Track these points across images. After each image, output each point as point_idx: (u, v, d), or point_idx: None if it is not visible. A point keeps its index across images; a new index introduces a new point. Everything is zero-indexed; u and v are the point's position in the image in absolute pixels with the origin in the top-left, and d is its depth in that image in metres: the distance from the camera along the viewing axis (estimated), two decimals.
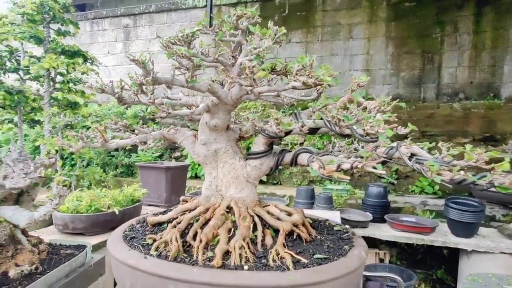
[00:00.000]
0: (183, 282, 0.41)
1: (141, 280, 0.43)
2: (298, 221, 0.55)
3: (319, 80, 0.41)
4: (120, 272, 0.49)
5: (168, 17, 6.82)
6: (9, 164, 1.29)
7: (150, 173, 3.64)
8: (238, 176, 0.57)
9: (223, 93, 0.51)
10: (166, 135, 0.59)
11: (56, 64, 1.28)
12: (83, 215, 2.51)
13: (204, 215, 0.55)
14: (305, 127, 0.50)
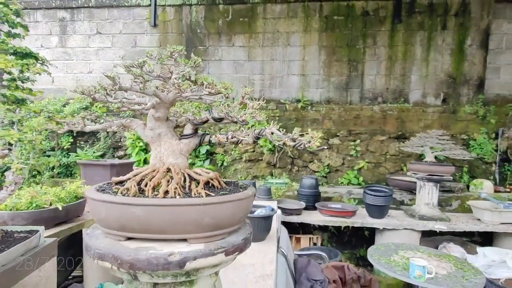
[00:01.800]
0: (141, 205, 0.69)
1: (113, 208, 0.69)
2: (213, 177, 0.86)
3: (218, 90, 0.71)
4: (96, 208, 0.73)
5: (110, 14, 6.66)
6: None
7: (95, 170, 3.66)
8: (174, 150, 0.85)
9: (163, 96, 0.78)
10: (125, 123, 0.83)
11: (11, 65, 1.41)
12: (24, 212, 2.50)
13: (152, 173, 0.82)
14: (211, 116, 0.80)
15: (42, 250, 1.58)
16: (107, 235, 0.74)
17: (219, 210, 0.72)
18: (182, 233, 0.71)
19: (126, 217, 0.69)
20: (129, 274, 0.70)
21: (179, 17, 6.36)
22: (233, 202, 0.75)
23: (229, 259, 0.76)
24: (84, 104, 6.20)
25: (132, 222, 0.69)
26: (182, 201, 0.70)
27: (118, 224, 0.70)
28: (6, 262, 1.35)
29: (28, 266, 1.50)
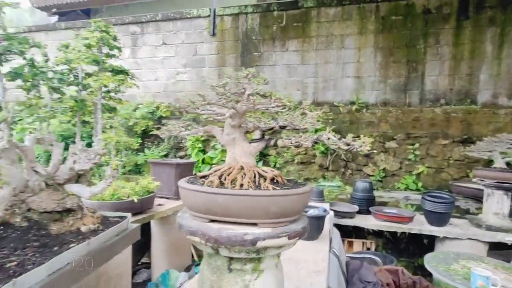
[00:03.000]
0: (222, 194, 0.89)
1: (200, 196, 0.90)
2: (277, 174, 1.03)
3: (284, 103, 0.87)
4: (187, 195, 0.95)
5: (174, 26, 7.28)
6: (77, 153, 1.78)
7: (162, 168, 4.08)
8: (246, 152, 1.04)
9: (239, 108, 0.97)
10: (207, 130, 1.04)
11: (110, 81, 1.75)
12: (108, 202, 2.93)
13: (228, 170, 1.02)
14: (277, 125, 0.97)
15: (129, 233, 1.92)
16: (194, 217, 0.96)
17: (283, 201, 0.89)
18: (253, 218, 0.89)
19: (210, 203, 0.89)
20: (213, 248, 0.90)
21: (236, 25, 6.72)
22: (295, 196, 0.91)
23: (291, 242, 0.92)
24: (150, 109, 6.90)
25: (215, 207, 0.89)
26: (254, 192, 0.88)
27: (204, 209, 0.91)
28: (106, 240, 1.69)
29: (121, 244, 1.84)
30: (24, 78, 1.59)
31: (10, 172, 1.49)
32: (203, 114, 0.99)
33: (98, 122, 1.86)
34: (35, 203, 1.58)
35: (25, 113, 1.64)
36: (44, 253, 1.35)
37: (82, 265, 1.44)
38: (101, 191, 1.76)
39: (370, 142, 0.86)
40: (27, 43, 1.59)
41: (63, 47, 1.87)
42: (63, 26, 8.05)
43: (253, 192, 0.89)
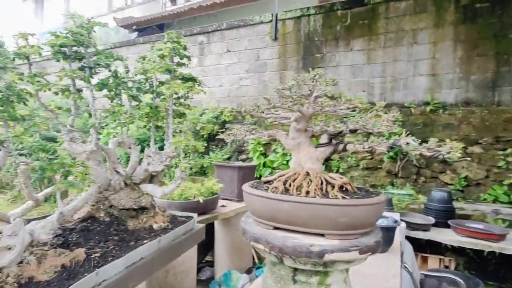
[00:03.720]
0: (288, 201, 0.85)
1: (265, 202, 0.88)
2: (346, 182, 0.95)
3: (355, 105, 0.80)
4: (251, 200, 0.94)
5: (237, 33, 7.53)
6: (150, 155, 1.93)
7: (225, 171, 4.22)
8: (312, 157, 0.99)
9: (304, 111, 0.93)
10: (271, 134, 1.03)
11: (180, 88, 1.86)
12: (176, 202, 3.12)
13: (294, 176, 0.98)
14: (348, 128, 0.89)
15: (195, 232, 2.00)
16: (258, 223, 0.94)
17: (354, 212, 0.82)
18: (320, 228, 0.84)
19: (275, 210, 0.86)
20: (277, 257, 0.87)
21: (298, 28, 6.67)
22: (367, 206, 0.83)
23: (362, 257, 0.84)
24: (215, 113, 7.22)
25: (280, 214, 0.86)
26: (322, 201, 0.83)
27: (269, 215, 0.88)
28: (174, 238, 1.79)
29: (187, 243, 1.93)
30: (109, 88, 1.78)
31: (96, 172, 1.68)
32: (268, 118, 0.98)
33: (169, 126, 1.98)
34: (116, 200, 1.75)
35: (109, 119, 1.83)
36: (122, 246, 1.47)
37: (154, 260, 1.54)
38: (171, 191, 1.88)
39: (460, 148, 0.74)
40: (112, 57, 1.78)
41: (141, 59, 2.05)
42: (141, 41, 8.96)
43: (320, 200, 0.84)
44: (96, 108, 1.76)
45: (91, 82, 1.71)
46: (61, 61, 1.67)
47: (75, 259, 1.25)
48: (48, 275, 1.14)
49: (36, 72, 1.45)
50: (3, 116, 1.09)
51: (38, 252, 1.22)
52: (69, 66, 1.63)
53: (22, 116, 1.33)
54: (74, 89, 1.63)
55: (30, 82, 1.41)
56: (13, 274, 1.06)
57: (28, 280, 1.09)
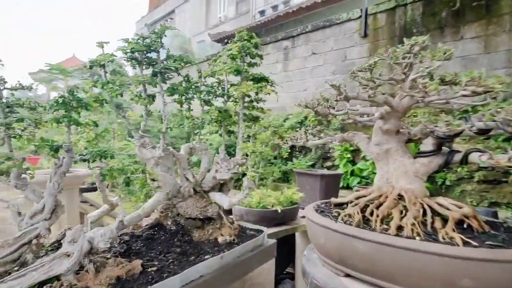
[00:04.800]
0: (366, 240, 0.56)
1: (332, 236, 0.61)
2: (469, 213, 0.58)
3: (489, 88, 0.46)
4: (314, 231, 0.69)
5: (323, 34, 7.19)
6: (218, 162, 1.81)
7: (306, 179, 3.93)
8: (407, 171, 0.66)
9: (395, 103, 0.63)
10: (346, 137, 0.75)
11: (250, 89, 1.71)
12: (254, 210, 2.98)
13: (378, 199, 0.68)
14: (474, 128, 0.54)
15: (265, 249, 1.79)
16: (324, 264, 0.67)
17: (488, 271, 0.46)
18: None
19: (347, 250, 0.58)
20: None
21: (391, 20, 5.93)
22: None
23: None
24: (299, 118, 6.97)
25: (353, 257, 0.57)
26: (425, 247, 0.50)
27: (338, 256, 0.60)
28: (240, 255, 1.60)
29: (255, 261, 1.73)
30: (178, 93, 1.75)
31: (164, 178, 1.64)
32: (338, 115, 0.70)
33: (240, 131, 1.84)
34: (182, 208, 1.68)
35: (175, 124, 1.79)
36: (181, 261, 1.36)
37: (215, 279, 1.39)
38: (238, 202, 1.72)
39: None
40: (181, 61, 1.74)
41: (212, 62, 1.98)
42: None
43: (422, 244, 0.51)
44: (167, 113, 1.74)
45: (162, 87, 1.70)
46: (137, 68, 1.70)
47: (131, 271, 1.18)
48: (102, 287, 1.09)
49: (109, 79, 1.48)
50: (64, 121, 1.10)
51: (99, 260, 1.20)
52: (140, 72, 1.64)
53: (94, 121, 1.35)
54: (145, 95, 1.64)
55: (104, 88, 1.45)
56: (68, 283, 1.03)
57: None
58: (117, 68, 3.56)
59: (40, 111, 1.12)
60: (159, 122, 1.71)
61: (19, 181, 1.12)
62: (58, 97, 1.10)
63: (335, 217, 0.66)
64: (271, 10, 13.61)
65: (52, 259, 1.06)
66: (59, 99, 1.09)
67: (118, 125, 4.41)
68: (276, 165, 6.73)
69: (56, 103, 1.08)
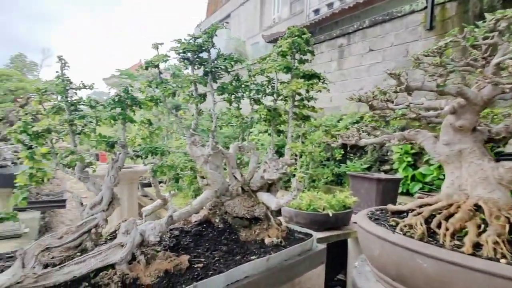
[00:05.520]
0: (431, 257, 0.47)
1: (389, 249, 0.53)
2: None
3: None
4: (368, 241, 0.60)
5: (382, 29, 6.76)
6: (267, 162, 1.77)
7: (361, 183, 3.72)
8: (487, 177, 0.55)
9: (472, 94, 0.52)
10: (407, 136, 0.65)
11: (300, 86, 1.65)
12: (304, 212, 2.89)
13: (447, 209, 0.57)
14: None
15: (314, 254, 1.70)
16: (379, 279, 0.58)
17: None
18: None
19: (407, 266, 0.49)
20: None
21: (464, 9, 5.32)
22: None
23: None
24: (354, 118, 6.64)
25: (415, 276, 0.48)
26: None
27: (395, 272, 0.52)
28: (287, 258, 1.54)
29: (303, 266, 1.66)
30: (228, 92, 1.75)
31: (213, 176, 1.65)
32: (398, 109, 0.60)
33: (289, 131, 1.78)
34: (230, 207, 1.68)
35: (224, 122, 1.79)
36: (227, 259, 1.35)
37: (260, 281, 1.35)
38: (286, 203, 1.66)
39: None
40: (231, 60, 1.74)
41: (262, 60, 1.95)
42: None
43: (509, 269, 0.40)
44: (216, 112, 1.76)
45: (212, 86, 1.72)
46: (189, 68, 1.75)
47: (178, 266, 1.20)
48: (151, 279, 1.12)
49: (163, 79, 1.54)
50: (119, 118, 1.16)
51: (149, 252, 1.24)
52: (192, 72, 1.68)
53: (149, 120, 1.42)
54: (196, 94, 1.67)
55: (158, 88, 1.51)
56: (120, 272, 1.08)
57: (132, 281, 1.09)
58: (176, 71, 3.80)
59: (99, 109, 1.21)
60: (209, 120, 1.74)
61: (82, 174, 1.22)
62: (114, 95, 1.17)
63: (393, 227, 0.57)
64: (326, 8, 13.25)
65: (108, 248, 1.12)
66: (115, 98, 1.16)
67: (176, 124, 4.68)
68: (329, 167, 6.50)
69: (112, 102, 1.16)
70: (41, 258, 1.02)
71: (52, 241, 1.06)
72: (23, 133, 1.04)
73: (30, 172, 1.06)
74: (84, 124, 1.16)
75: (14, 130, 1.04)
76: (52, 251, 1.05)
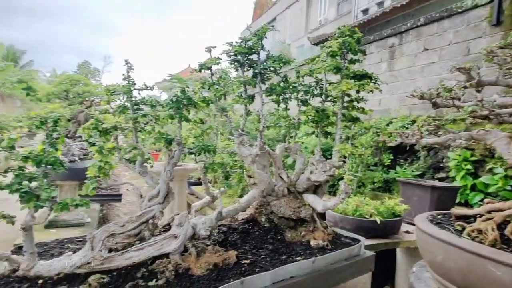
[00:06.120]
0: (506, 265, 0.43)
1: (455, 254, 0.50)
2: None
3: None
4: (429, 245, 0.57)
5: (439, 27, 6.32)
6: (314, 164, 1.76)
7: (413, 190, 3.50)
8: None
9: None
10: (475, 136, 0.61)
11: (350, 87, 1.61)
12: (350, 218, 2.79)
13: None
14: None
15: (361, 260, 1.64)
16: (441, 285, 0.55)
17: None
18: None
19: (476, 274, 0.45)
20: None
21: None
22: None
23: None
24: (405, 122, 6.26)
25: (485, 284, 0.44)
26: None
27: (462, 280, 0.48)
28: (333, 262, 1.51)
29: (349, 271, 1.60)
30: (276, 93, 1.77)
31: (259, 176, 1.68)
32: (467, 106, 0.56)
33: (337, 132, 1.74)
34: (276, 207, 1.69)
35: (272, 123, 1.81)
36: (273, 258, 1.37)
37: (306, 282, 1.34)
38: (333, 206, 1.63)
39: None
40: (280, 61, 1.76)
41: (310, 61, 1.94)
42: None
43: None
44: (265, 113, 1.78)
45: (261, 87, 1.75)
46: (239, 70, 1.80)
47: (226, 260, 1.24)
48: (201, 270, 1.17)
49: (215, 81, 1.61)
50: (176, 117, 1.23)
51: (200, 245, 1.30)
52: (242, 74, 1.73)
53: (201, 119, 1.49)
54: (246, 95, 1.71)
55: (210, 90, 1.58)
56: (174, 262, 1.15)
57: (184, 271, 1.16)
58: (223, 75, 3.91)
59: (159, 109, 1.31)
60: (255, 122, 1.77)
61: (142, 168, 1.32)
62: (172, 96, 1.25)
63: (458, 232, 0.53)
64: (375, 7, 12.72)
65: (163, 238, 1.20)
66: (173, 98, 1.24)
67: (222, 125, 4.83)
68: (378, 173, 6.19)
69: (171, 101, 1.24)
70: (106, 243, 1.13)
71: (116, 228, 1.17)
72: (94, 129, 1.16)
73: (99, 164, 1.19)
74: (146, 122, 1.27)
75: (87, 127, 1.17)
76: (115, 237, 1.16)
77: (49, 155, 1.05)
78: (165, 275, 1.10)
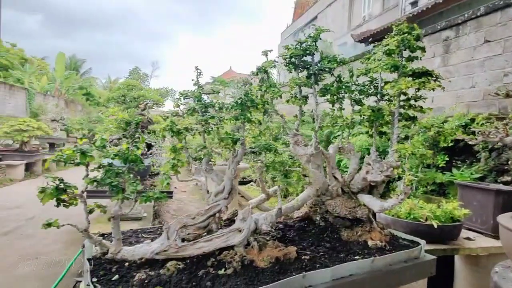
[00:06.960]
0: None
1: None
2: None
3: None
4: None
5: (503, 16, 5.80)
6: (370, 163, 1.74)
7: (473, 194, 3.27)
8: None
9: None
10: None
11: (409, 85, 1.57)
12: (403, 221, 2.69)
13: None
14: None
15: (421, 263, 1.59)
16: None
17: None
18: None
19: None
20: None
21: None
22: None
23: None
24: (463, 121, 5.82)
25: None
26: None
27: None
28: (392, 263, 1.49)
29: (409, 274, 1.57)
30: (330, 93, 1.78)
31: (314, 175, 1.71)
32: None
33: (394, 132, 1.72)
34: (331, 206, 1.70)
35: (328, 123, 1.82)
36: (331, 256, 1.39)
37: (365, 281, 1.34)
38: (391, 207, 1.60)
39: None
40: (335, 61, 1.77)
41: (365, 60, 1.92)
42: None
43: None
44: (319, 113, 1.81)
45: (315, 88, 1.78)
46: (293, 72, 1.85)
47: (287, 255, 1.30)
48: (264, 263, 1.24)
49: (271, 82, 1.67)
50: (241, 118, 1.32)
51: (261, 240, 1.37)
52: (297, 75, 1.77)
53: (259, 120, 1.56)
54: (300, 96, 1.75)
55: (267, 91, 1.65)
56: (240, 254, 1.24)
57: (249, 263, 1.23)
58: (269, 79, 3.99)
59: (224, 111, 1.41)
60: (306, 123, 1.80)
61: (207, 166, 1.43)
62: (237, 98, 1.34)
63: None
64: None
65: (229, 232, 1.29)
66: (238, 101, 1.33)
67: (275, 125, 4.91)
68: (438, 174, 5.82)
69: (236, 104, 1.33)
70: (180, 233, 1.25)
71: (188, 220, 1.28)
72: (169, 130, 1.29)
73: (173, 162, 1.31)
74: (215, 123, 1.37)
75: (163, 128, 1.31)
76: (187, 228, 1.27)
77: (132, 153, 1.20)
78: (232, 265, 1.18)
